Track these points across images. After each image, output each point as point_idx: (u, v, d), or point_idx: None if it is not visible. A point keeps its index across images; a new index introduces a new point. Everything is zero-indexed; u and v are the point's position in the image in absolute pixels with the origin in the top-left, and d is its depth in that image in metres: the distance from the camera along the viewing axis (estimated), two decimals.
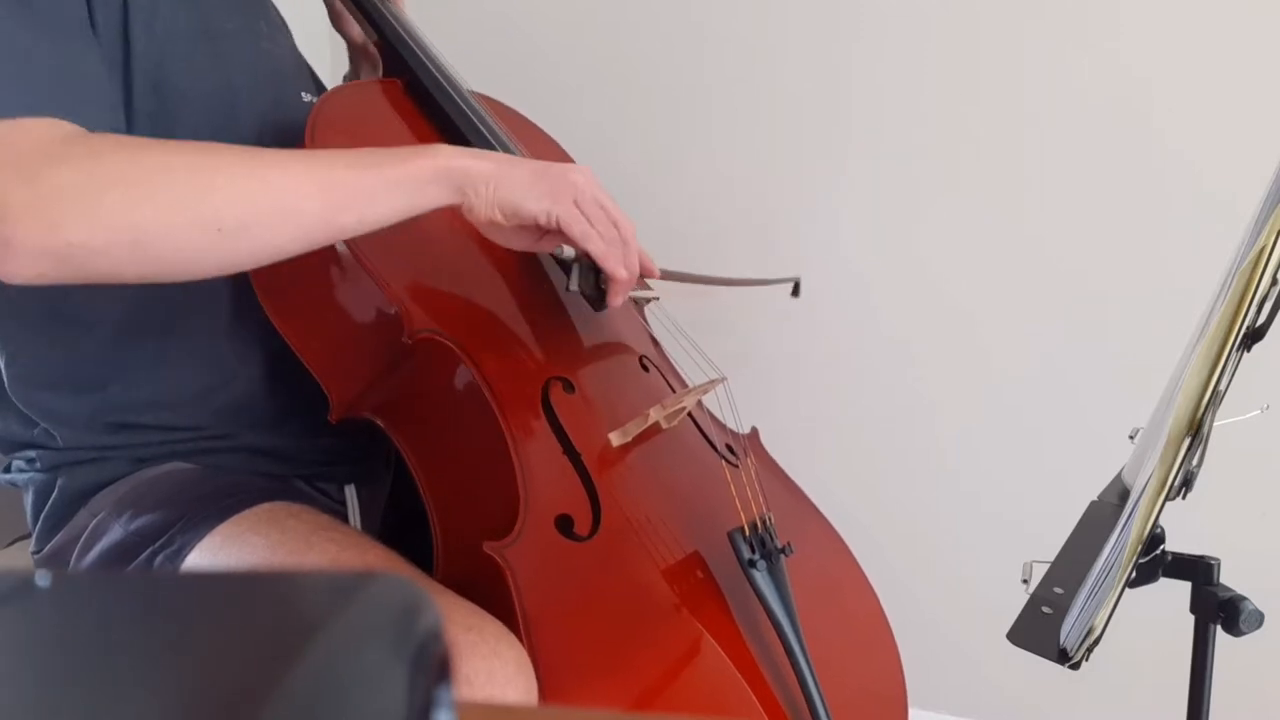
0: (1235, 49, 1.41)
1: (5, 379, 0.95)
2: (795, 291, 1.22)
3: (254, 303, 0.94)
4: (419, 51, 1.09)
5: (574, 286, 0.96)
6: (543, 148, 1.19)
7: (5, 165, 0.72)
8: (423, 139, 1.05)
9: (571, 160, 1.23)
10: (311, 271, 0.92)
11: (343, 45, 1.20)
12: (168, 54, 0.89)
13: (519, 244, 0.92)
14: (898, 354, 1.64)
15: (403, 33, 1.09)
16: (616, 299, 0.94)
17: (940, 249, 1.59)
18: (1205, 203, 1.42)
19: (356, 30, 1.17)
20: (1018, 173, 1.54)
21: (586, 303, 1.01)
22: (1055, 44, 1.49)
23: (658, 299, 1.14)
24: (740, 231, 1.69)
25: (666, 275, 1.05)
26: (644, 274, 0.97)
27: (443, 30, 1.16)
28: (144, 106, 0.88)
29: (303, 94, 1.05)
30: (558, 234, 0.89)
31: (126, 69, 0.87)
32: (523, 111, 1.21)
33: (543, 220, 0.87)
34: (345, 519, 1.04)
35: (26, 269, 0.72)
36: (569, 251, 0.94)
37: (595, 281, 0.96)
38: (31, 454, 0.97)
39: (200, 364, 0.97)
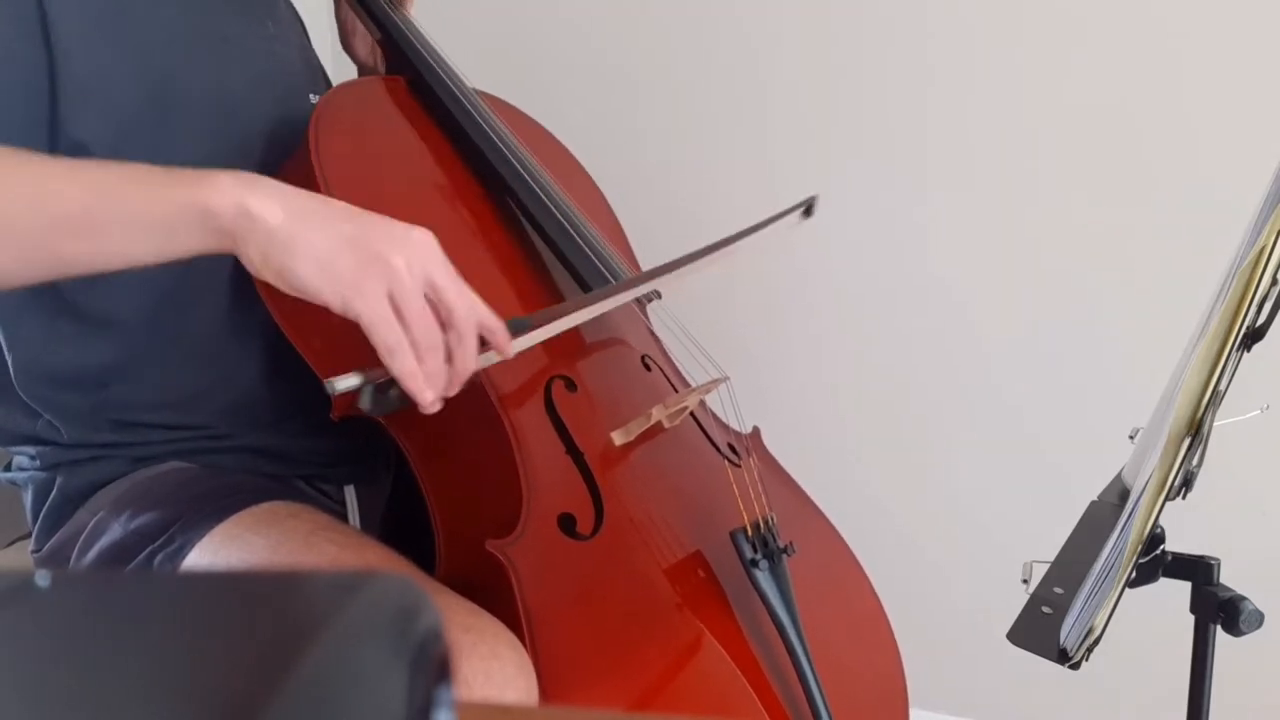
0: (1235, 49, 1.41)
1: (11, 371, 0.95)
2: (809, 212, 1.10)
3: (256, 301, 0.94)
4: (422, 49, 1.09)
5: (366, 407, 0.79)
6: (545, 145, 1.19)
7: None
8: (426, 137, 1.05)
9: (572, 159, 1.23)
10: None
11: (342, 52, 1.20)
12: (160, 63, 0.89)
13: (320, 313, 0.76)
14: (899, 354, 1.64)
15: (406, 31, 1.09)
16: (426, 412, 0.76)
17: (941, 249, 1.59)
18: (1205, 203, 1.42)
19: (364, 51, 1.16)
20: (1018, 172, 1.54)
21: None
22: (1056, 42, 1.49)
23: (660, 297, 1.14)
24: (737, 229, 1.69)
25: (653, 274, 1.01)
26: (494, 349, 0.79)
27: (445, 29, 1.16)
28: (134, 110, 0.88)
29: (310, 95, 1.04)
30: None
31: (109, 73, 0.86)
32: (525, 109, 1.21)
33: (336, 309, 0.70)
34: (345, 520, 1.04)
35: None
36: (344, 384, 0.74)
37: (398, 397, 0.77)
38: (32, 451, 0.97)
39: (202, 363, 0.97)
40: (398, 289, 0.71)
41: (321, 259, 0.69)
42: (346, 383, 0.73)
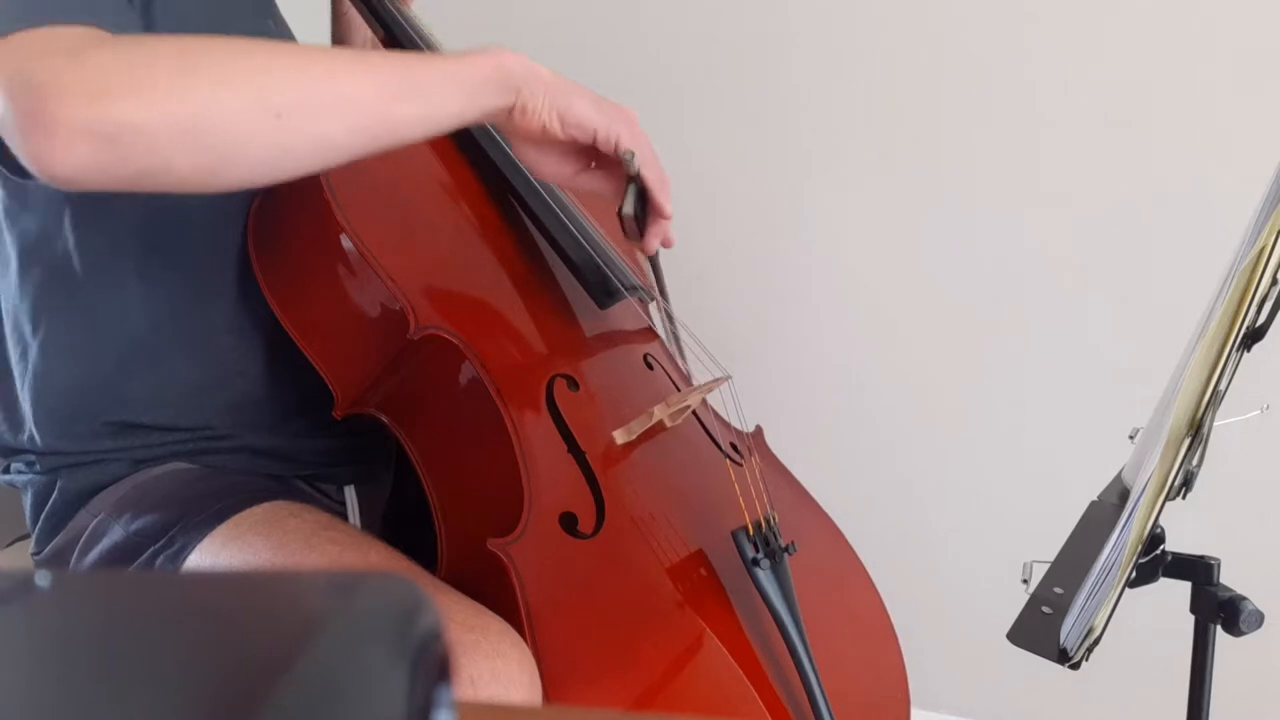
0: (1236, 49, 1.41)
1: (29, 380, 0.95)
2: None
3: (257, 301, 0.94)
4: (425, 49, 1.09)
5: (629, 209, 0.90)
6: None
7: (55, 52, 0.69)
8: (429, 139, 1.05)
9: None
10: (317, 266, 0.92)
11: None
12: None
13: (558, 170, 0.89)
14: (900, 353, 1.64)
15: (410, 31, 1.09)
16: (655, 240, 0.92)
17: (942, 249, 1.59)
18: (1205, 203, 1.42)
19: (358, 44, 1.17)
20: (1018, 173, 1.54)
21: (625, 232, 0.96)
22: (1055, 44, 1.49)
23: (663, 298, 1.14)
24: (742, 231, 1.69)
25: (655, 268, 1.05)
26: (664, 243, 0.95)
27: (449, 28, 1.16)
28: None
29: None
30: (604, 165, 0.87)
31: None
32: None
33: (602, 134, 0.85)
34: (346, 519, 1.04)
35: (69, 154, 0.67)
36: (634, 166, 0.88)
37: (642, 213, 0.92)
38: (31, 456, 0.97)
39: (201, 363, 0.97)
40: (638, 132, 0.87)
41: (590, 99, 0.85)
42: (632, 164, 0.87)
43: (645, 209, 0.91)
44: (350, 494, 1.06)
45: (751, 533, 0.89)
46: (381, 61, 0.79)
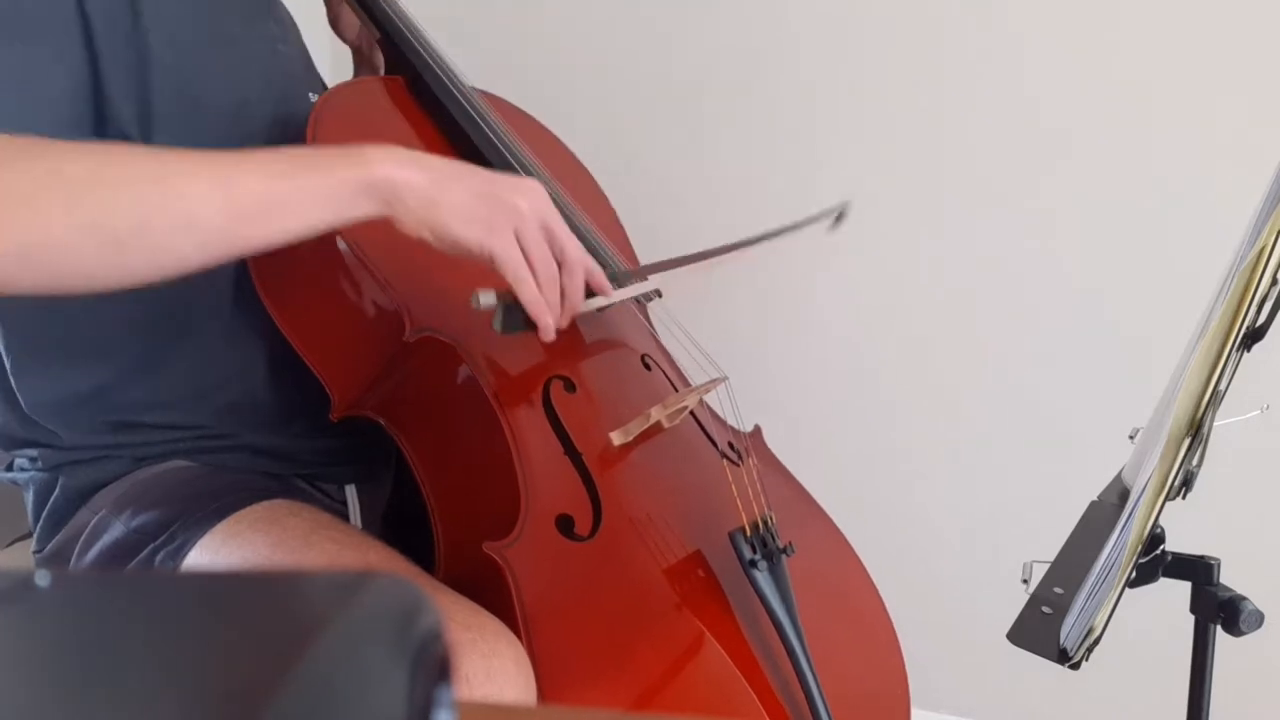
0: (1236, 49, 1.41)
1: (10, 375, 0.95)
2: (839, 219, 1.11)
3: (255, 302, 0.94)
4: (421, 49, 1.09)
5: (498, 327, 0.87)
6: (545, 145, 1.19)
7: None
8: (425, 137, 1.05)
9: (572, 157, 1.23)
10: (313, 270, 0.92)
11: (343, 45, 1.20)
12: (185, 64, 0.89)
13: (455, 255, 0.85)
14: (899, 353, 1.64)
15: (405, 30, 1.09)
16: (545, 339, 0.88)
17: (941, 248, 1.59)
18: (1206, 203, 1.42)
19: (352, 34, 1.16)
20: (1018, 172, 1.54)
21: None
22: (1057, 43, 1.49)
23: (660, 295, 1.13)
24: (740, 229, 1.68)
25: (679, 262, 1.02)
26: (595, 291, 0.91)
27: (444, 27, 1.16)
28: (165, 110, 0.88)
29: (310, 94, 1.04)
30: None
31: (144, 74, 0.87)
32: (525, 108, 1.21)
33: (476, 252, 0.81)
34: (346, 519, 1.04)
35: None
36: (487, 300, 0.86)
37: (523, 320, 0.87)
38: (33, 453, 0.97)
39: (202, 363, 0.97)
40: (522, 228, 0.82)
41: (462, 211, 0.80)
42: (487, 298, 0.85)
43: (526, 316, 0.86)
44: (351, 493, 1.06)
45: (749, 534, 0.89)
46: (238, 178, 0.74)
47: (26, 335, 0.94)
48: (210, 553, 0.86)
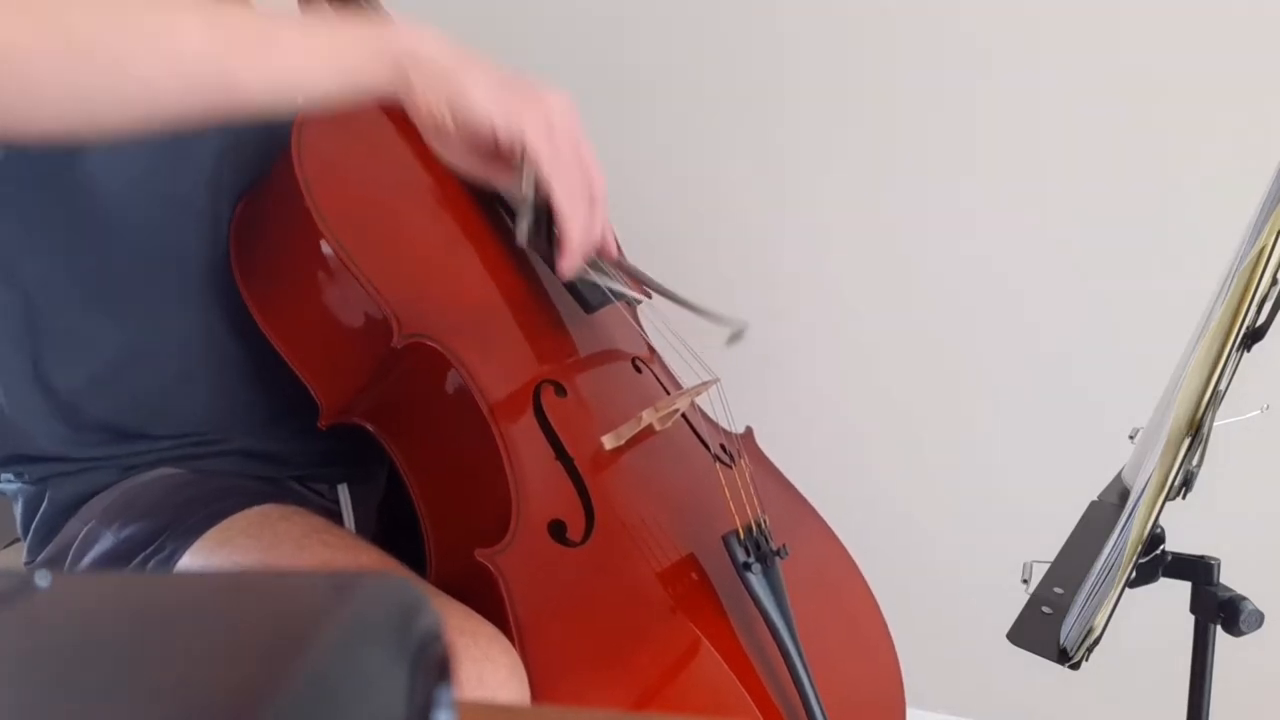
0: (1237, 48, 1.40)
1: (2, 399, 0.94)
2: (735, 338, 1.00)
3: (230, 300, 0.93)
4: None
5: (522, 239, 0.77)
6: None
7: None
8: (413, 144, 1.04)
9: None
10: (300, 275, 0.91)
11: None
12: None
13: (465, 165, 0.77)
14: (894, 352, 1.64)
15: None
16: (565, 265, 0.78)
17: (939, 247, 1.59)
18: (1205, 202, 1.42)
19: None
20: (1018, 171, 1.53)
21: (543, 260, 0.87)
22: (1059, 40, 1.49)
23: (650, 298, 1.13)
24: (731, 230, 1.68)
25: (623, 268, 0.99)
26: (601, 253, 0.83)
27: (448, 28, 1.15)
28: None
29: None
30: (511, 164, 0.73)
31: None
32: None
33: (501, 133, 0.71)
34: (339, 518, 1.04)
35: None
36: (527, 189, 0.75)
37: (548, 237, 0.77)
38: (19, 466, 0.96)
39: (186, 369, 0.96)
40: (554, 123, 0.73)
41: (490, 87, 0.71)
42: (526, 188, 0.74)
43: (551, 233, 0.78)
44: (344, 493, 1.06)
45: (742, 536, 0.89)
46: (242, 15, 0.66)
47: (13, 336, 0.93)
48: (201, 559, 0.85)
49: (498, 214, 1.05)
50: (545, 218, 0.77)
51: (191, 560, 0.86)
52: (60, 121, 0.64)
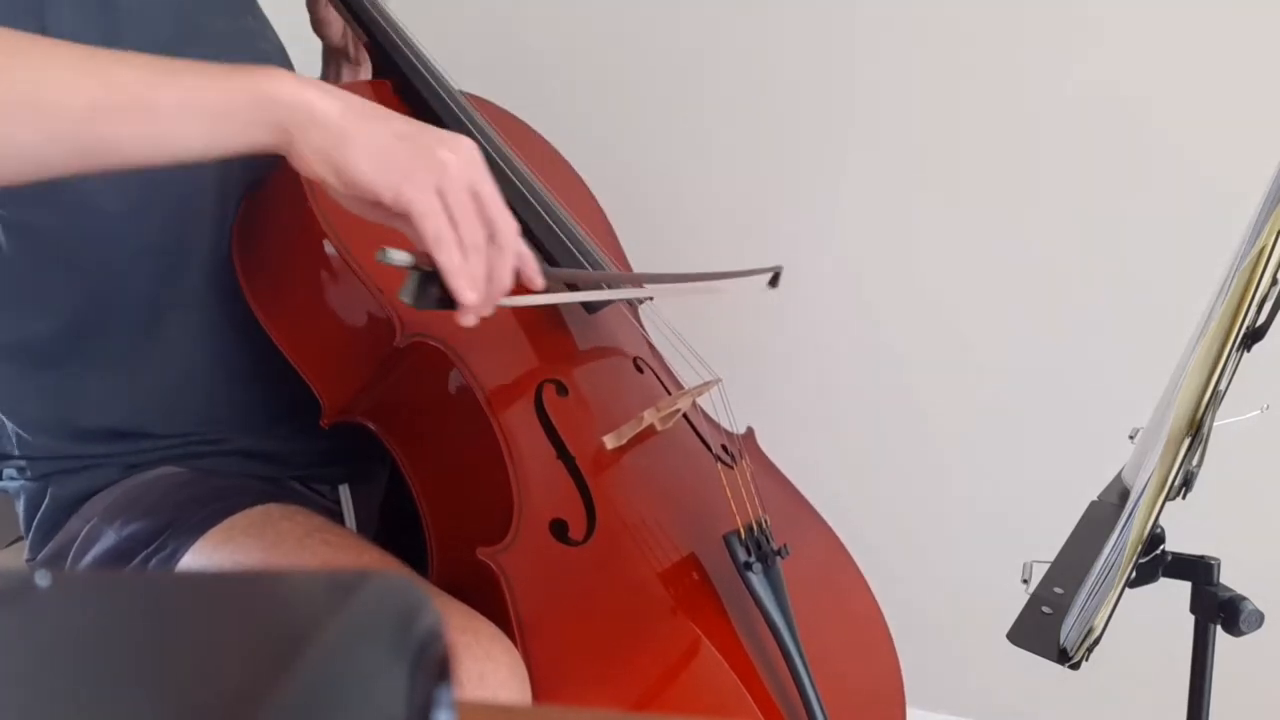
0: (1236, 48, 1.40)
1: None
2: (774, 281, 1.05)
3: (226, 301, 0.93)
4: (409, 53, 1.08)
5: (406, 298, 0.73)
6: (533, 147, 1.18)
7: None
8: None
9: (561, 160, 1.22)
10: (303, 275, 0.92)
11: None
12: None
13: (363, 214, 0.74)
14: (895, 353, 1.64)
15: (393, 34, 1.09)
16: (461, 319, 0.74)
17: (938, 248, 1.59)
18: (1205, 203, 1.42)
19: (337, 33, 1.15)
20: (1016, 171, 1.53)
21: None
22: (1054, 42, 1.49)
23: (651, 299, 1.13)
24: (732, 231, 1.68)
25: (641, 279, 1.00)
26: (523, 284, 0.79)
27: (431, 31, 1.15)
28: None
29: None
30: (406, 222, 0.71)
31: None
32: (515, 111, 1.20)
33: (388, 200, 0.69)
34: (340, 518, 1.04)
35: None
36: (399, 258, 0.71)
37: (439, 296, 0.73)
38: (22, 463, 0.96)
39: (184, 369, 0.96)
40: (447, 184, 0.70)
41: (377, 151, 0.68)
42: (399, 257, 0.71)
43: (442, 290, 0.73)
44: (344, 492, 1.06)
45: (743, 536, 0.89)
46: (116, 70, 0.65)
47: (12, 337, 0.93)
48: (203, 558, 0.86)
49: None
50: (434, 279, 0.73)
51: (194, 559, 0.86)
52: None
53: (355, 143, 0.68)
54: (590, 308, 1.02)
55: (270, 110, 0.67)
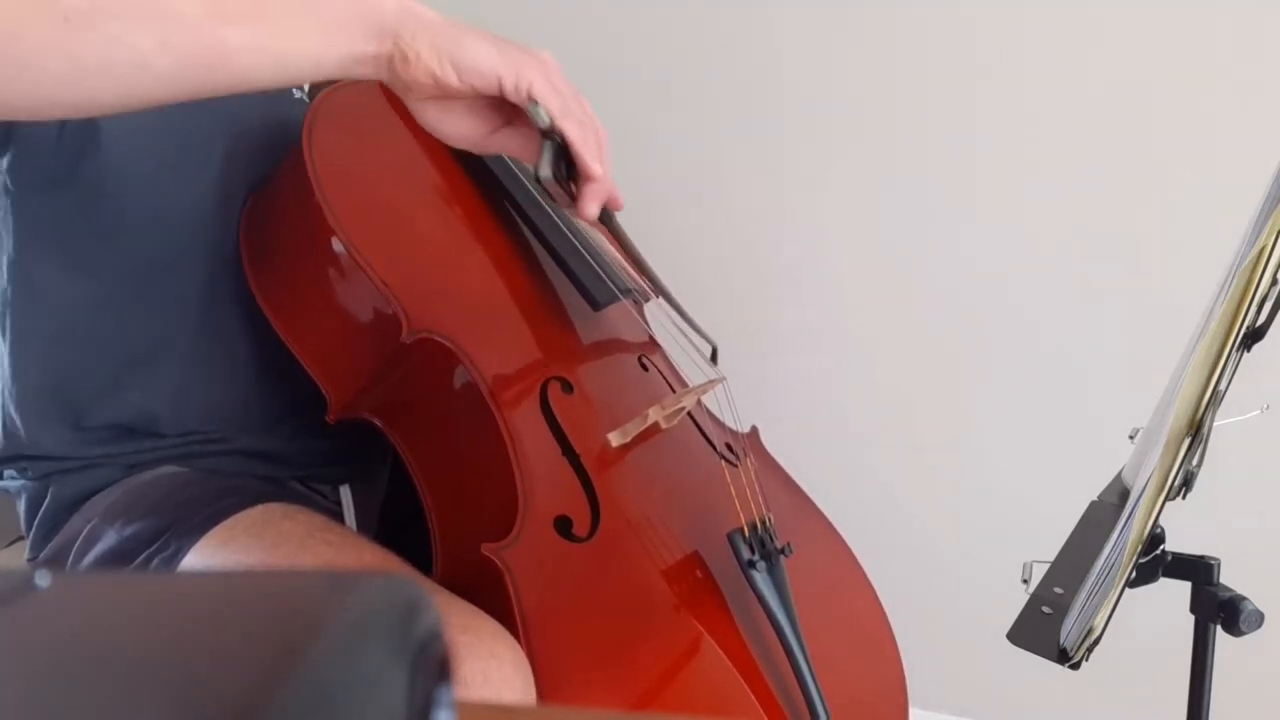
0: (1237, 48, 1.41)
1: (10, 394, 0.95)
2: (713, 358, 1.05)
3: (244, 304, 0.94)
4: None
5: (546, 172, 0.77)
6: None
7: None
8: (422, 141, 1.05)
9: None
10: (310, 272, 0.92)
11: None
12: None
13: (466, 130, 0.78)
14: (898, 352, 1.64)
15: None
16: (590, 204, 0.79)
17: (940, 248, 1.59)
18: (1206, 203, 1.42)
19: None
20: (1018, 172, 1.54)
21: (554, 200, 0.87)
22: (1057, 39, 1.49)
23: (657, 295, 1.13)
24: (736, 231, 1.68)
25: (623, 243, 1.01)
26: (610, 205, 0.83)
27: None
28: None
29: (294, 91, 1.04)
30: (522, 120, 0.74)
31: None
32: None
33: (508, 81, 0.72)
34: (341, 519, 1.04)
35: None
36: (544, 118, 0.75)
37: (567, 176, 0.79)
38: (23, 463, 0.96)
39: (188, 369, 0.96)
40: (552, 74, 0.75)
41: (486, 45, 0.72)
42: (543, 114, 0.75)
43: (570, 169, 0.80)
44: (345, 493, 1.06)
45: (747, 534, 0.89)
46: None
47: (22, 334, 0.94)
48: (205, 558, 0.86)
49: (505, 210, 1.05)
50: (562, 157, 0.78)
51: (195, 558, 0.86)
52: (57, 96, 0.64)
53: (466, 35, 0.71)
54: (595, 304, 1.03)
55: (378, 17, 0.69)
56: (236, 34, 0.65)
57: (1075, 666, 0.72)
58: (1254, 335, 0.65)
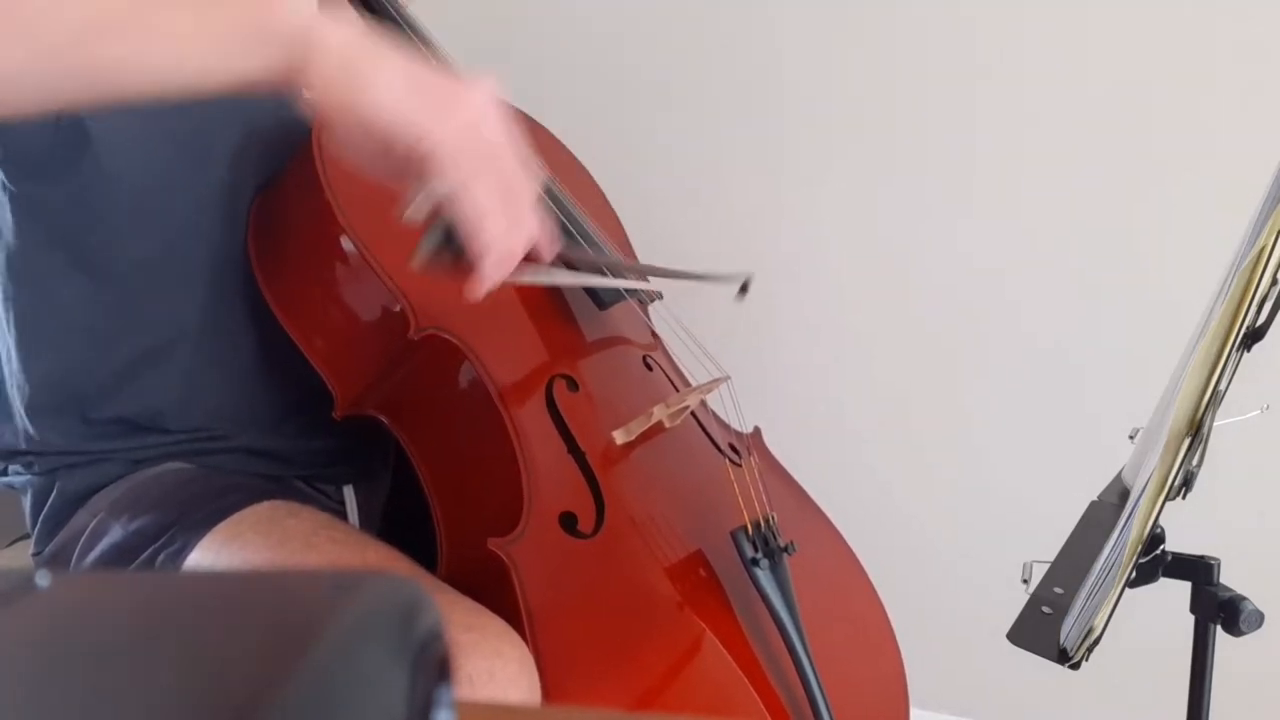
0: (1237, 48, 1.41)
1: (19, 390, 0.95)
2: (744, 290, 1.02)
3: (250, 301, 0.94)
4: (426, 52, 1.08)
5: (421, 257, 0.67)
6: (543, 144, 1.18)
7: None
8: None
9: (571, 158, 1.22)
10: (318, 268, 0.92)
11: None
12: None
13: (369, 165, 0.67)
14: (899, 353, 1.64)
15: (409, 32, 1.09)
16: (478, 289, 0.68)
17: (940, 248, 1.59)
18: (1206, 203, 1.42)
19: None
20: (1017, 170, 1.54)
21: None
22: (1051, 41, 1.49)
23: (661, 297, 1.14)
24: (739, 231, 1.69)
25: (612, 268, 1.00)
26: (531, 256, 0.72)
27: (448, 27, 1.15)
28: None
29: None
30: (422, 171, 0.63)
31: None
32: (526, 110, 1.21)
33: (411, 140, 0.62)
34: (344, 519, 1.04)
35: None
36: (420, 208, 0.66)
37: (453, 255, 0.67)
38: (29, 458, 0.97)
39: (195, 366, 0.96)
40: (473, 127, 0.64)
41: (397, 89, 0.61)
42: (424, 205, 0.65)
43: (458, 250, 0.67)
44: (349, 493, 1.06)
45: (750, 532, 0.89)
46: None
47: (28, 330, 0.94)
48: (210, 554, 0.86)
49: None
50: (451, 236, 0.67)
51: (201, 555, 0.86)
52: None
53: (376, 78, 0.62)
54: (601, 303, 1.03)
55: (272, 31, 0.61)
56: (114, 48, 0.59)
57: (1075, 666, 0.72)
58: (1254, 335, 0.65)
